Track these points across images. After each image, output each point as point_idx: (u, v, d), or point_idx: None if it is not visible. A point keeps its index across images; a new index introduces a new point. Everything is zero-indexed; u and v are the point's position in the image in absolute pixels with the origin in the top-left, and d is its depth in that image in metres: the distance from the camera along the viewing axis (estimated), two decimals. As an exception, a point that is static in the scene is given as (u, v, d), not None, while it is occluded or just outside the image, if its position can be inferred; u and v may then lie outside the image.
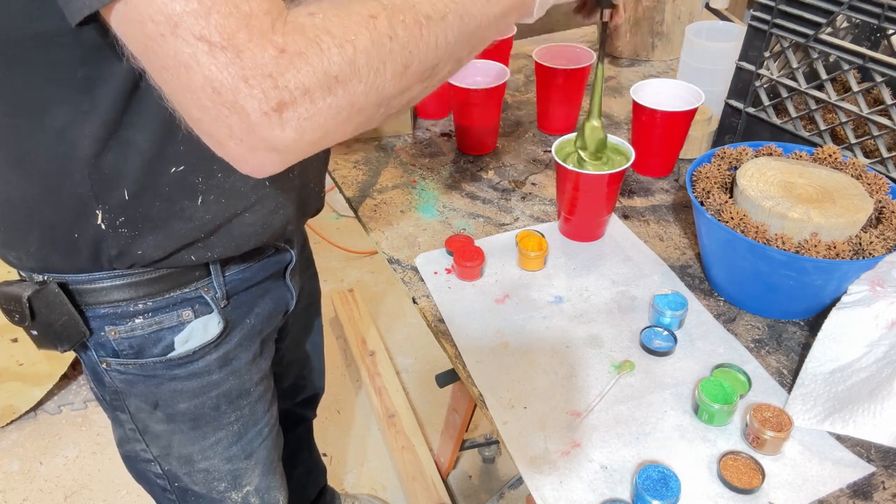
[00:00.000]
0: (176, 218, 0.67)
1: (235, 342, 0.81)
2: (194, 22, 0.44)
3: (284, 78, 0.45)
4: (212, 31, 0.44)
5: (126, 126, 0.60)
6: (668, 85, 1.06)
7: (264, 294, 0.84)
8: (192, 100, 0.46)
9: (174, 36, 0.44)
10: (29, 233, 0.66)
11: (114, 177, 0.63)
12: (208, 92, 0.45)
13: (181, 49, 0.45)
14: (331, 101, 0.48)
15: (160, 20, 0.44)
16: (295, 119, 0.47)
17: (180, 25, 0.44)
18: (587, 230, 0.95)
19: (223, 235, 0.71)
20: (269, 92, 0.45)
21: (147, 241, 0.67)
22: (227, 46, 0.44)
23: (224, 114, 0.46)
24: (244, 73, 0.45)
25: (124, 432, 0.82)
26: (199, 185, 0.66)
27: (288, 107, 0.46)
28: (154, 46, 0.45)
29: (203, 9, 0.44)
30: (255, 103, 0.45)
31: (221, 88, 0.45)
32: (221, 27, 0.44)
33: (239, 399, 0.84)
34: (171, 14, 0.44)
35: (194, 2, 0.44)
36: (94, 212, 0.64)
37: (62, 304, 0.69)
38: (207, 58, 0.44)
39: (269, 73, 0.45)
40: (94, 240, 0.66)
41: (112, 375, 0.76)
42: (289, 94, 0.46)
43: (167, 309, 0.73)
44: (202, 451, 0.84)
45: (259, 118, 0.46)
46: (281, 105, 0.46)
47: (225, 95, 0.45)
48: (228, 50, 0.44)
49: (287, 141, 0.48)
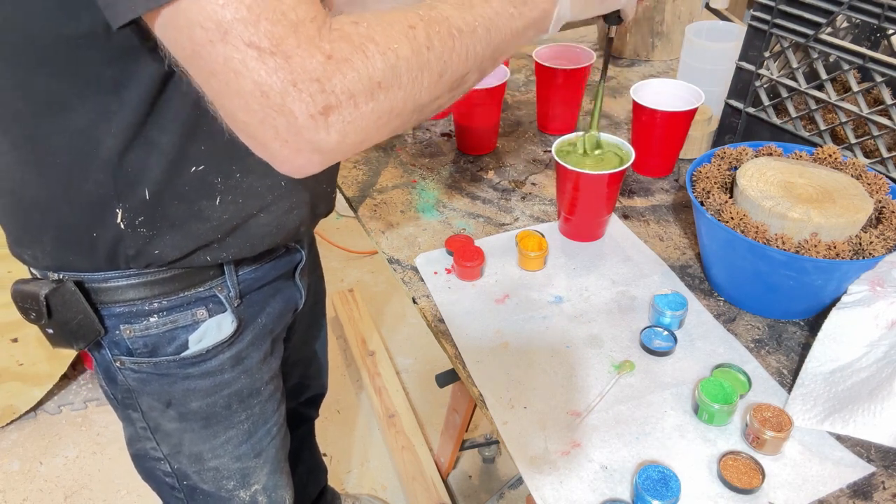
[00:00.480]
0: (194, 218, 0.68)
1: (248, 341, 0.81)
2: (244, 29, 0.45)
3: (331, 83, 0.47)
4: (261, 38, 0.46)
5: (150, 126, 0.61)
6: (668, 85, 1.06)
7: (275, 293, 0.85)
8: (239, 104, 0.48)
9: (224, 42, 0.46)
10: (45, 231, 0.67)
11: (136, 177, 0.63)
12: (257, 96, 0.47)
13: (231, 55, 0.46)
14: (373, 105, 0.50)
15: (210, 27, 0.45)
16: (339, 122, 0.49)
17: (230, 32, 0.45)
18: (587, 230, 0.95)
19: (239, 236, 0.72)
20: (317, 96, 0.47)
21: (165, 240, 0.68)
22: (276, 52, 0.46)
23: (272, 116, 0.47)
24: (293, 78, 0.46)
25: (135, 431, 0.83)
26: (217, 186, 0.67)
27: (334, 110, 0.48)
28: (202, 52, 0.46)
29: (252, 16, 0.45)
30: (302, 106, 0.47)
31: (270, 92, 0.46)
32: (270, 34, 0.46)
33: (250, 398, 0.84)
34: (222, 21, 0.45)
35: (244, 9, 0.45)
36: (115, 211, 0.64)
37: (78, 302, 0.70)
38: (257, 63, 0.46)
39: (316, 78, 0.47)
40: (112, 239, 0.66)
41: (125, 374, 0.77)
42: (335, 98, 0.48)
43: (182, 308, 0.74)
44: (212, 450, 0.84)
45: (306, 121, 0.47)
46: (327, 108, 0.48)
47: (273, 99, 0.47)
48: (277, 55, 0.46)
49: (331, 143, 0.50)
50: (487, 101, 1.07)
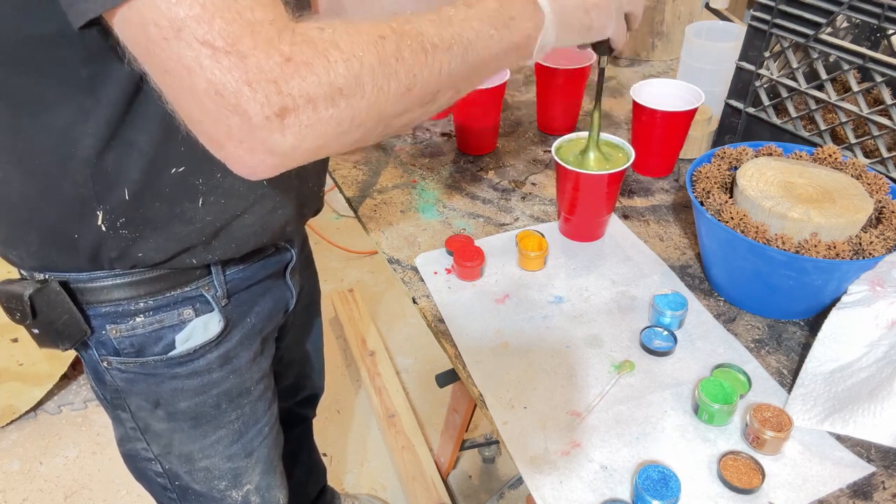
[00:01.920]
0: (177, 219, 0.67)
1: (236, 341, 0.81)
2: (197, 27, 0.45)
3: (289, 85, 0.47)
4: (215, 36, 0.45)
5: (128, 126, 0.61)
6: (668, 85, 1.06)
7: (265, 293, 0.84)
8: (193, 102, 0.47)
9: (177, 40, 0.45)
10: (29, 232, 0.66)
11: (115, 177, 0.63)
12: (211, 94, 0.46)
13: (184, 53, 0.45)
14: (333, 112, 0.49)
15: (163, 24, 0.45)
16: (296, 125, 0.48)
17: (183, 30, 0.45)
18: (587, 230, 0.95)
19: (223, 238, 0.71)
20: (272, 97, 0.46)
21: (148, 243, 0.67)
22: (230, 51, 0.45)
23: (225, 115, 0.47)
24: (248, 77, 0.46)
25: (125, 431, 0.83)
26: (199, 187, 0.67)
27: (290, 113, 0.47)
28: (157, 50, 0.46)
29: (206, 14, 0.45)
30: (257, 107, 0.46)
31: (224, 91, 0.46)
32: (225, 32, 0.45)
33: (239, 398, 0.84)
34: (175, 18, 0.45)
35: (197, 7, 0.45)
36: (95, 212, 0.64)
37: (63, 302, 0.69)
38: (211, 62, 0.45)
39: (273, 79, 0.46)
40: (94, 240, 0.66)
41: (113, 374, 0.76)
42: (292, 101, 0.47)
43: (168, 308, 0.74)
44: (203, 450, 0.84)
45: (260, 121, 0.47)
46: (283, 111, 0.47)
47: (228, 98, 0.46)
48: (232, 55, 0.45)
49: (286, 146, 0.49)
50: (487, 101, 1.07)
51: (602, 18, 0.68)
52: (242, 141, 0.48)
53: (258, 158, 0.50)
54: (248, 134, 0.48)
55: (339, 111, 0.50)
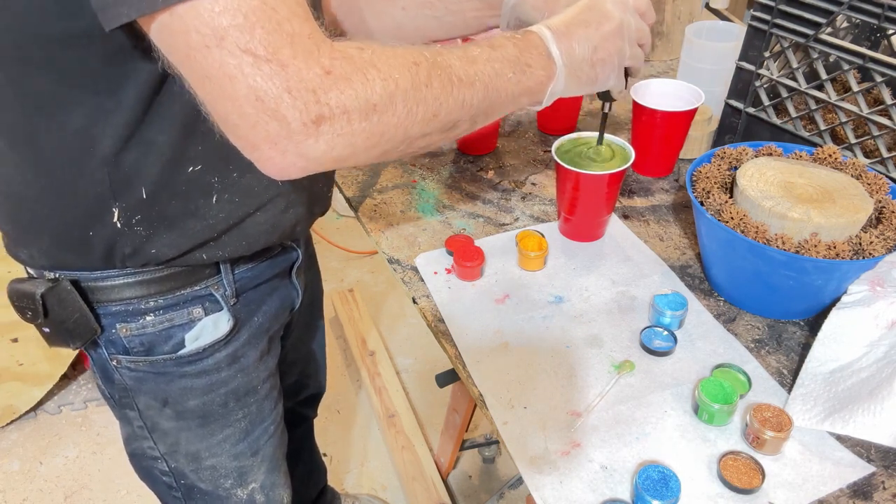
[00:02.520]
0: (191, 216, 0.68)
1: (244, 340, 0.81)
2: (240, 35, 0.47)
3: (327, 95, 0.50)
4: (256, 45, 0.47)
5: (147, 126, 0.61)
6: (668, 85, 1.06)
7: (272, 292, 0.85)
8: (233, 107, 0.49)
9: (220, 48, 0.47)
10: (43, 230, 0.67)
11: (133, 176, 0.64)
12: (251, 100, 0.48)
13: (226, 60, 0.47)
14: (365, 125, 0.53)
15: (206, 32, 0.47)
16: (330, 133, 0.51)
17: (226, 38, 0.47)
18: (587, 230, 0.95)
19: (235, 235, 0.72)
20: (311, 105, 0.49)
21: (162, 239, 0.68)
22: (271, 60, 0.48)
23: (264, 120, 0.49)
24: (288, 85, 0.48)
25: (132, 430, 0.83)
26: (214, 185, 0.68)
27: (326, 121, 0.50)
28: (198, 56, 0.48)
29: (248, 24, 0.47)
30: (296, 113, 0.49)
31: (265, 97, 0.48)
32: (266, 42, 0.48)
33: (247, 396, 0.84)
34: (217, 27, 0.46)
35: (240, 17, 0.47)
36: (111, 210, 0.65)
37: (74, 301, 0.70)
38: (252, 69, 0.48)
39: (312, 89, 0.49)
40: (108, 238, 0.67)
41: (122, 373, 0.77)
42: (329, 111, 0.50)
43: (178, 306, 0.74)
44: (209, 449, 0.84)
45: (298, 127, 0.50)
46: (320, 118, 0.50)
47: (268, 104, 0.48)
48: (273, 63, 0.48)
49: (318, 151, 0.52)
50: (487, 101, 1.07)
51: (606, 72, 0.73)
52: (277, 144, 0.50)
53: (289, 161, 0.52)
54: (285, 138, 0.50)
55: (370, 125, 0.53)
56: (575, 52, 0.70)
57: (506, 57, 0.65)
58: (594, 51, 0.71)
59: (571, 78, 0.71)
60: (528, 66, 0.67)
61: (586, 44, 0.70)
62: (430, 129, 0.58)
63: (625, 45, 0.74)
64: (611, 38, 0.72)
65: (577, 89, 0.73)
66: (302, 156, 0.51)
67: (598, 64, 0.72)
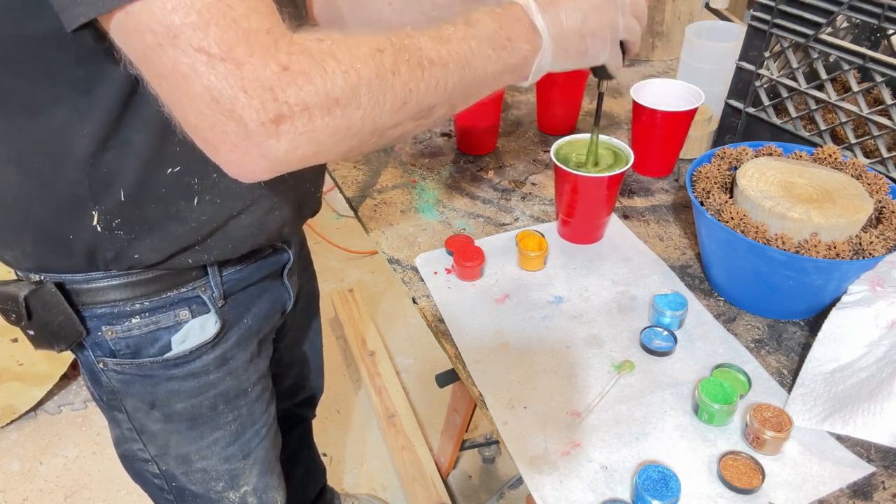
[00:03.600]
0: (172, 219, 0.67)
1: (233, 342, 0.80)
2: (193, 34, 0.46)
3: (285, 93, 0.48)
4: (210, 44, 0.46)
5: (124, 126, 0.61)
6: (668, 85, 1.06)
7: (262, 294, 0.84)
8: (189, 107, 0.48)
9: (173, 46, 0.46)
10: (24, 232, 0.66)
11: (110, 177, 0.63)
12: (207, 100, 0.47)
13: (180, 59, 0.46)
14: (328, 120, 0.50)
15: (159, 31, 0.46)
16: (291, 132, 0.49)
17: (179, 37, 0.46)
18: (586, 233, 0.94)
19: (219, 238, 0.71)
20: (268, 104, 0.47)
21: (144, 244, 0.67)
22: (226, 58, 0.46)
23: (221, 121, 0.48)
24: (243, 84, 0.47)
25: (121, 432, 0.82)
26: (194, 186, 0.67)
27: (285, 120, 0.48)
28: (152, 56, 0.47)
29: (202, 21, 0.46)
30: (252, 113, 0.47)
31: (220, 98, 0.47)
32: (220, 40, 0.46)
33: (236, 399, 0.84)
34: (170, 25, 0.45)
35: (193, 14, 0.45)
36: (90, 213, 0.64)
37: (59, 303, 0.69)
38: (206, 68, 0.46)
39: (269, 87, 0.47)
40: (89, 241, 0.66)
41: (109, 375, 0.76)
42: (288, 109, 0.48)
43: (164, 309, 0.73)
44: (199, 451, 0.84)
45: (256, 127, 0.48)
46: (279, 117, 0.48)
47: (223, 104, 0.47)
48: (228, 62, 0.46)
49: (279, 152, 0.50)
50: (487, 101, 1.07)
51: (597, 45, 0.69)
52: (237, 146, 0.49)
53: (252, 162, 0.50)
54: (244, 139, 0.48)
55: (334, 120, 0.51)
56: (563, 22, 0.66)
57: (484, 33, 0.61)
58: (584, 21, 0.67)
59: (559, 51, 0.66)
60: (510, 41, 0.63)
61: (575, 14, 0.66)
62: (402, 117, 0.56)
63: (618, 16, 0.69)
64: (602, 8, 0.68)
65: (565, 64, 0.69)
66: (264, 157, 0.50)
67: (588, 35, 0.67)
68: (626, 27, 0.71)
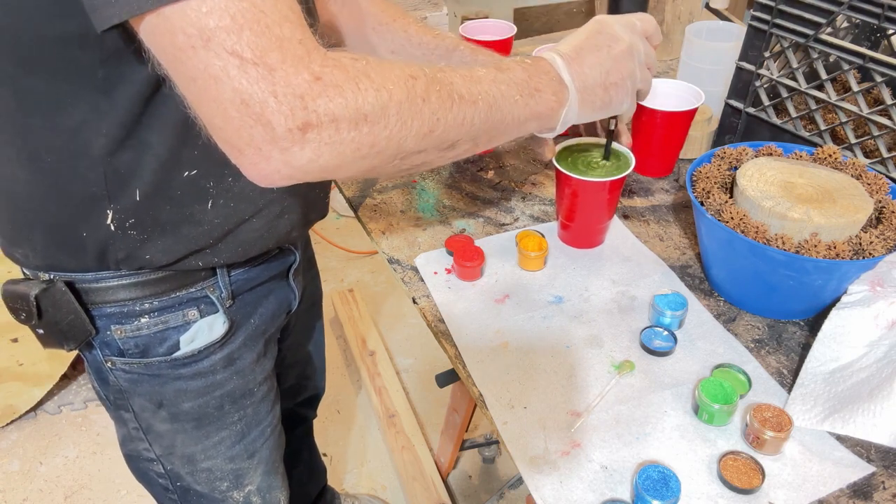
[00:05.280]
0: (185, 222, 0.68)
1: (240, 342, 0.81)
2: (227, 37, 0.46)
3: (315, 102, 0.48)
4: (244, 48, 0.46)
5: (143, 128, 0.61)
6: (668, 85, 1.06)
7: (268, 294, 0.84)
8: (218, 110, 0.48)
9: (206, 49, 0.46)
10: (36, 230, 0.67)
11: (127, 177, 0.63)
12: (236, 103, 0.47)
13: (212, 62, 0.47)
14: (355, 135, 0.51)
15: (192, 33, 0.46)
16: (316, 141, 0.50)
17: (212, 39, 0.46)
18: (586, 237, 0.94)
19: (230, 241, 0.72)
20: (297, 111, 0.48)
21: (156, 244, 0.67)
22: (258, 63, 0.47)
23: (248, 124, 0.48)
24: (274, 89, 0.47)
25: (127, 431, 0.83)
26: (209, 190, 0.67)
27: (312, 128, 0.49)
28: (183, 58, 0.47)
29: (236, 26, 0.46)
30: (280, 118, 0.48)
31: (250, 101, 0.47)
32: (254, 44, 0.47)
33: (242, 399, 0.84)
34: (204, 28, 0.46)
35: (227, 18, 0.46)
36: (105, 211, 0.64)
37: (69, 302, 0.69)
38: (238, 72, 0.47)
39: (300, 94, 0.48)
40: (102, 240, 0.66)
41: (116, 374, 0.77)
42: (316, 118, 0.49)
43: (173, 308, 0.74)
44: (205, 451, 0.84)
45: (283, 133, 0.48)
46: (306, 125, 0.48)
47: (252, 107, 0.47)
48: (260, 66, 0.47)
49: (303, 160, 0.50)
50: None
51: (620, 96, 0.72)
52: (261, 149, 0.49)
53: (274, 168, 0.51)
54: (269, 144, 0.49)
55: (360, 135, 0.51)
56: (587, 77, 0.69)
57: (513, 80, 0.63)
58: (607, 75, 0.70)
59: (585, 103, 0.70)
60: (538, 91, 0.65)
61: (599, 68, 0.70)
62: (426, 144, 0.57)
63: (636, 68, 0.73)
64: (622, 61, 0.71)
65: (591, 114, 0.72)
66: (287, 163, 0.50)
67: (611, 88, 0.71)
68: (642, 78, 0.74)
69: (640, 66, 0.74)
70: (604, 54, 0.70)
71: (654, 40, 0.77)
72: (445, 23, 2.09)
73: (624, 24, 0.73)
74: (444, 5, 2.11)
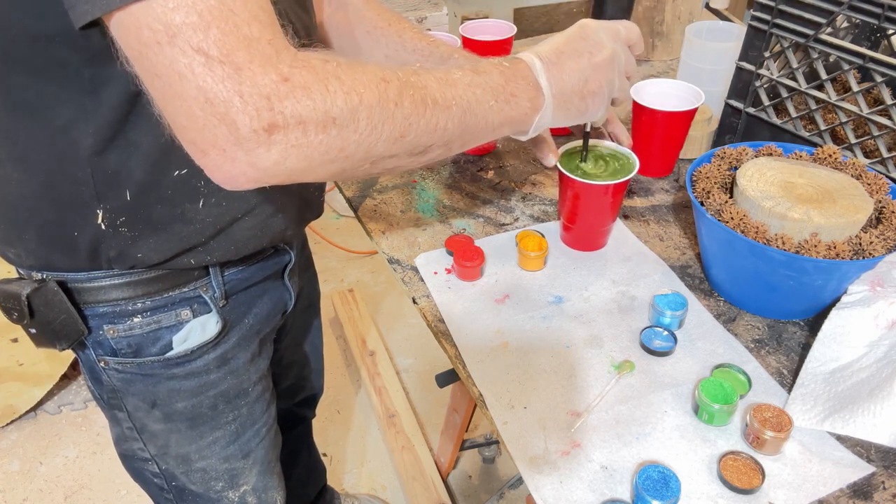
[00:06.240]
0: (177, 220, 0.67)
1: (234, 342, 0.81)
2: (193, 34, 0.45)
3: (282, 104, 0.47)
4: (210, 45, 0.46)
5: (131, 127, 0.61)
6: (668, 85, 1.06)
7: (263, 294, 0.84)
8: (182, 107, 0.48)
9: (171, 45, 0.46)
10: (27, 229, 0.67)
11: (117, 176, 0.63)
12: (200, 102, 0.47)
13: (177, 58, 0.46)
14: (323, 138, 0.50)
15: (158, 29, 0.45)
16: (283, 143, 0.49)
17: (178, 36, 0.45)
18: (588, 240, 0.93)
19: (223, 239, 0.71)
20: (263, 112, 0.47)
21: (147, 243, 0.67)
22: (224, 61, 0.46)
23: (213, 124, 0.47)
24: (240, 89, 0.46)
25: (122, 431, 0.83)
26: (200, 189, 0.67)
27: (279, 130, 0.48)
28: (149, 53, 0.47)
29: (203, 23, 0.45)
30: (245, 118, 0.47)
31: (215, 100, 0.46)
32: (220, 42, 0.46)
33: (237, 399, 0.84)
34: (170, 24, 0.45)
35: (194, 15, 0.45)
36: (95, 211, 0.64)
37: (61, 302, 0.69)
38: (203, 69, 0.46)
39: (266, 95, 0.47)
40: (93, 239, 0.66)
41: (110, 374, 0.76)
42: (283, 119, 0.48)
43: (166, 308, 0.74)
44: (199, 451, 0.84)
45: (247, 133, 0.47)
46: (272, 126, 0.48)
47: (217, 107, 0.46)
48: (226, 65, 0.46)
49: (268, 162, 0.49)
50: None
51: (596, 105, 0.71)
52: (226, 150, 0.48)
53: (239, 170, 0.50)
54: (233, 144, 0.48)
55: (328, 138, 0.50)
56: (565, 83, 0.67)
57: (489, 84, 0.62)
58: (585, 83, 0.69)
59: (559, 109, 0.69)
60: (513, 97, 0.64)
61: (577, 75, 0.68)
62: (398, 149, 0.56)
63: (615, 77, 0.72)
64: (602, 70, 0.70)
65: (565, 121, 0.71)
66: (252, 165, 0.49)
67: (588, 96, 0.70)
68: (620, 87, 0.74)
69: (620, 74, 0.73)
70: (584, 61, 0.69)
71: (636, 49, 0.75)
72: (445, 23, 2.08)
73: (608, 31, 0.71)
74: (444, 5, 2.11)
